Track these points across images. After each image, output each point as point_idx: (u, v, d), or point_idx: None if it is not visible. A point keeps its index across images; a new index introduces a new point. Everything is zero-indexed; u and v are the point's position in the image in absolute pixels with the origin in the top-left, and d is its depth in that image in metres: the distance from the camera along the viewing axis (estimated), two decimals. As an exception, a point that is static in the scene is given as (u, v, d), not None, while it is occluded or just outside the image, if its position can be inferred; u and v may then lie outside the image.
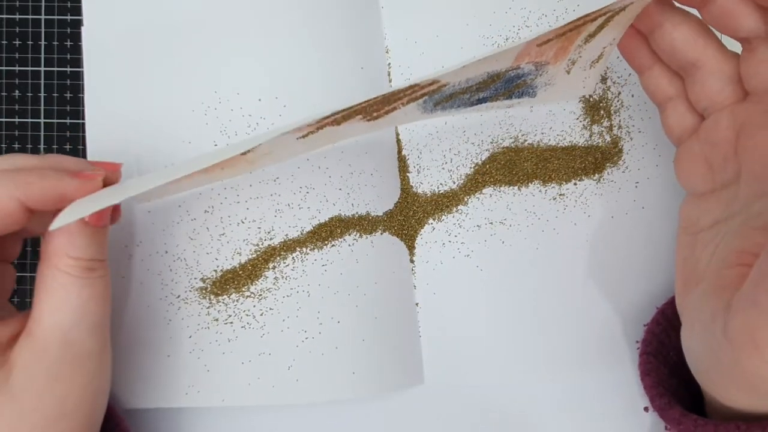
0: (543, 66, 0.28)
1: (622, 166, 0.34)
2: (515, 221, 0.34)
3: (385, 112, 0.28)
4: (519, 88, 0.29)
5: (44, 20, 0.34)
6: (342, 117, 0.26)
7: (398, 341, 0.33)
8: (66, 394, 0.25)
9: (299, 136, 0.27)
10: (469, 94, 0.28)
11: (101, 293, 0.26)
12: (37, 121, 0.34)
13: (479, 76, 0.27)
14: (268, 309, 0.32)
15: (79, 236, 0.25)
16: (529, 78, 0.28)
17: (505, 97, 0.30)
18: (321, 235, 0.32)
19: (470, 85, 0.27)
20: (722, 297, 0.24)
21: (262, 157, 0.29)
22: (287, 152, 0.30)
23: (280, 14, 0.33)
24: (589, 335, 0.34)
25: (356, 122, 0.28)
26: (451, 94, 0.28)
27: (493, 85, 0.28)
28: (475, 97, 0.29)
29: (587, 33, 0.27)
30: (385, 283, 0.33)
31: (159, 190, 0.29)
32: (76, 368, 0.25)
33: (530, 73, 0.28)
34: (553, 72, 0.29)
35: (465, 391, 0.34)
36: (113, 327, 0.32)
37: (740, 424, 0.25)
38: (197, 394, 0.32)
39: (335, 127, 0.27)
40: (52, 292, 0.25)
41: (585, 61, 0.29)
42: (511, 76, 0.28)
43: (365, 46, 0.34)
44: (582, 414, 0.34)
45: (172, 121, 0.32)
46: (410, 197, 0.34)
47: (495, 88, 0.29)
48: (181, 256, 0.32)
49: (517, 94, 0.30)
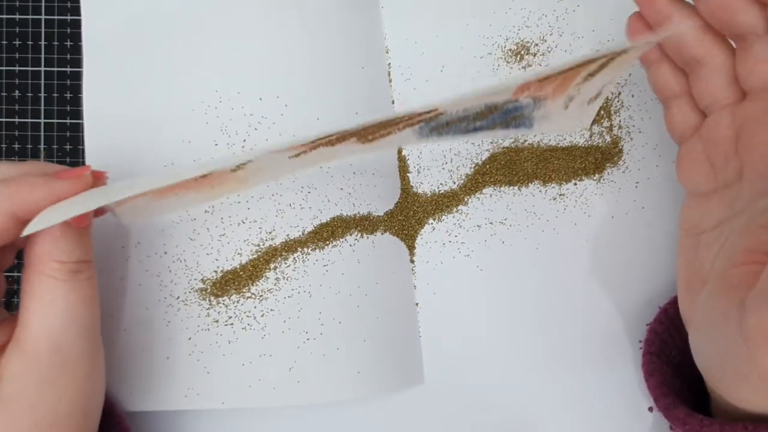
0: (541, 100, 0.28)
1: (622, 166, 0.35)
2: (515, 221, 0.34)
3: (380, 136, 0.28)
4: (516, 120, 0.29)
5: (44, 20, 0.34)
6: (336, 139, 0.26)
7: (398, 341, 0.33)
8: (58, 400, 0.25)
9: (292, 155, 0.27)
10: (466, 122, 0.28)
11: (89, 295, 0.26)
12: (37, 121, 0.34)
13: (477, 107, 0.27)
14: (269, 310, 0.32)
15: (64, 239, 0.25)
16: (526, 111, 0.29)
17: (502, 127, 0.30)
18: (322, 235, 0.32)
19: (467, 115, 0.28)
20: (733, 296, 0.24)
21: (253, 174, 0.28)
22: (279, 171, 0.29)
23: (281, 13, 0.33)
24: (589, 335, 0.34)
25: (350, 144, 0.28)
26: (447, 122, 0.28)
27: (490, 115, 0.28)
28: (471, 126, 0.29)
29: (587, 72, 0.27)
30: (386, 284, 0.33)
31: (146, 209, 0.28)
32: (67, 373, 0.25)
33: (528, 106, 0.28)
34: (551, 107, 0.29)
35: (465, 391, 0.34)
36: (111, 329, 0.32)
37: (748, 425, 0.25)
38: (197, 396, 0.31)
39: (329, 148, 0.27)
40: (39, 298, 0.25)
41: (583, 98, 0.29)
42: (509, 108, 0.28)
43: (365, 46, 0.34)
44: (583, 414, 0.34)
45: (172, 120, 0.32)
46: (410, 197, 0.34)
47: (492, 119, 0.29)
48: (180, 256, 0.32)
49: (514, 125, 0.30)
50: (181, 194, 0.28)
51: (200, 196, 0.29)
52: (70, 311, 0.25)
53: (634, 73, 0.34)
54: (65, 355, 0.25)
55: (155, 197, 0.27)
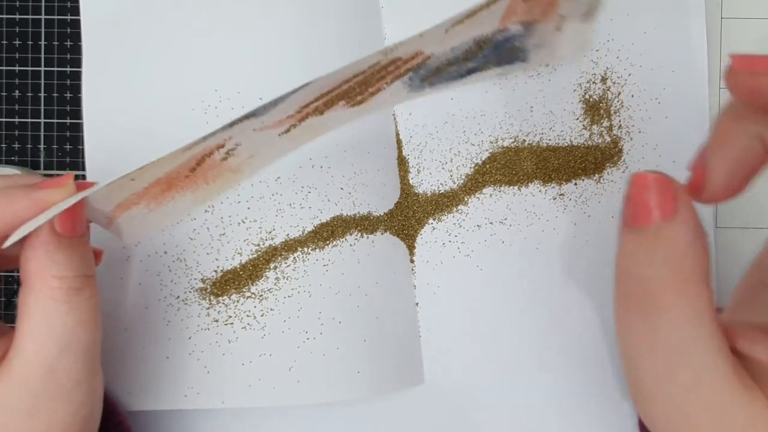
0: (532, 26, 0.26)
1: (622, 166, 0.35)
2: (515, 221, 0.34)
3: (369, 94, 0.26)
4: (510, 54, 0.27)
5: (44, 20, 0.34)
6: (323, 104, 0.25)
7: (398, 341, 0.33)
8: (49, 428, 0.23)
9: (281, 131, 0.26)
10: (457, 65, 0.27)
11: (90, 317, 0.24)
12: (37, 121, 0.34)
13: (465, 43, 0.25)
14: (269, 309, 0.32)
15: (59, 251, 0.23)
16: (518, 41, 0.27)
17: (496, 65, 0.28)
18: (323, 235, 0.32)
19: (457, 55, 0.26)
20: None
21: (246, 162, 0.27)
22: (272, 152, 0.28)
23: (281, 14, 0.33)
24: (589, 335, 0.34)
25: (340, 109, 0.26)
26: (437, 68, 0.26)
27: (481, 53, 0.26)
28: (464, 68, 0.27)
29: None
30: (386, 283, 0.33)
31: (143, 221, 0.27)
32: (60, 399, 0.24)
33: (519, 34, 0.26)
34: (543, 30, 0.27)
35: (465, 391, 0.34)
36: (111, 328, 0.32)
37: None
38: (196, 395, 0.32)
39: (318, 117, 0.26)
40: (35, 321, 0.23)
41: (575, 14, 0.27)
42: (500, 41, 0.26)
43: (365, 46, 0.34)
44: (583, 414, 0.34)
45: (172, 120, 0.32)
46: (410, 197, 0.34)
47: (484, 56, 0.27)
48: (180, 256, 0.32)
49: (508, 60, 0.28)
50: (177, 197, 0.27)
51: (197, 196, 0.28)
52: (67, 336, 0.23)
53: (634, 73, 0.34)
54: (60, 380, 0.23)
55: (150, 205, 0.26)
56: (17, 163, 0.34)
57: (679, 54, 0.34)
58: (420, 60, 0.25)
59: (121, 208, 0.26)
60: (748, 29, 0.35)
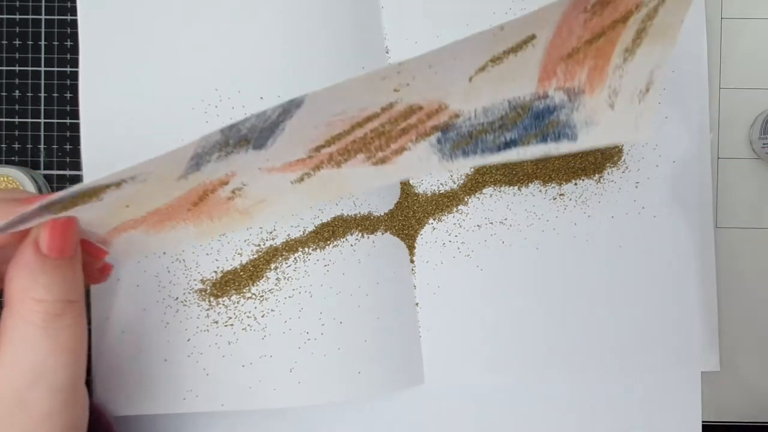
0: (577, 96, 0.23)
1: (622, 166, 0.35)
2: (515, 221, 0.34)
3: (393, 152, 0.24)
4: (553, 127, 0.24)
5: (44, 20, 0.34)
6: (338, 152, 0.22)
7: (399, 341, 0.33)
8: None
9: (294, 179, 0.24)
10: (492, 134, 0.24)
11: (68, 346, 0.22)
12: (37, 121, 0.34)
13: (499, 106, 0.22)
14: (270, 310, 0.32)
15: (42, 272, 0.22)
16: (563, 113, 0.24)
17: (538, 139, 0.24)
18: (323, 235, 0.32)
19: (491, 120, 0.23)
20: None
21: (256, 207, 0.26)
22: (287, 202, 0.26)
23: (281, 14, 0.33)
24: (589, 335, 0.34)
25: (360, 164, 0.24)
26: (469, 133, 0.23)
27: (519, 121, 0.23)
28: (501, 140, 0.24)
29: (623, 46, 0.22)
30: (387, 283, 0.33)
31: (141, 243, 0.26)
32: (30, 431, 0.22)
33: (563, 105, 0.23)
34: (593, 105, 0.24)
35: (465, 391, 0.34)
36: (108, 331, 0.31)
37: None
38: (196, 399, 0.31)
39: (336, 170, 0.24)
40: (11, 345, 0.22)
41: (631, 91, 0.24)
42: (540, 109, 0.23)
43: (365, 46, 0.34)
44: (583, 413, 0.34)
45: (172, 119, 0.32)
46: (411, 197, 0.34)
47: (523, 127, 0.24)
48: (179, 257, 0.32)
49: (553, 136, 0.24)
50: (179, 227, 0.26)
51: (201, 230, 0.26)
52: (39, 366, 0.22)
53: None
54: (30, 414, 0.22)
55: (150, 231, 0.25)
56: (17, 163, 0.34)
57: (679, 54, 0.34)
58: (447, 117, 0.22)
59: (117, 230, 0.25)
60: (748, 29, 0.35)
